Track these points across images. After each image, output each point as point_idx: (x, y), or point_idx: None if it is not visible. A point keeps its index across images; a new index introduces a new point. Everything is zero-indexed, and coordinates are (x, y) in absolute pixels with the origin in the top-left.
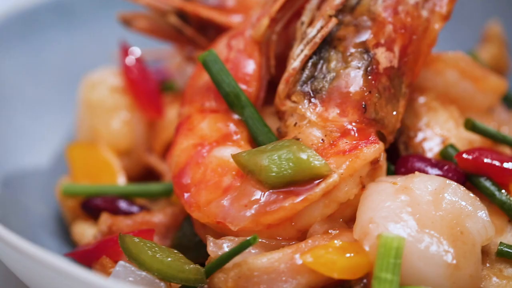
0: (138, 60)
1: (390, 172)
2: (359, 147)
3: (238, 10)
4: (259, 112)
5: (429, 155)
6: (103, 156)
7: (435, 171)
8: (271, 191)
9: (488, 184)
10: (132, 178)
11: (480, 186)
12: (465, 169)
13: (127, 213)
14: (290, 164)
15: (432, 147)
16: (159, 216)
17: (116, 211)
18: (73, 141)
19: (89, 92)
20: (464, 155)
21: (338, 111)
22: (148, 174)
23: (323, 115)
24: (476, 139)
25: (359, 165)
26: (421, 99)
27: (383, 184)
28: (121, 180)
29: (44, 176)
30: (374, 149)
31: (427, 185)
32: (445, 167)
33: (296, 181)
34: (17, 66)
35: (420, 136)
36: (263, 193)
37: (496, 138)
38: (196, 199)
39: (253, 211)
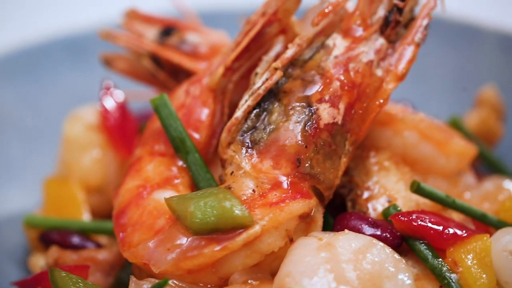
0: (119, 100)
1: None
2: (286, 201)
3: (210, 56)
4: (211, 159)
5: (373, 214)
6: (72, 192)
7: (370, 230)
8: (194, 237)
9: (422, 247)
10: (102, 215)
11: (414, 248)
12: (401, 231)
13: (79, 248)
14: (214, 211)
15: (377, 206)
16: (104, 254)
17: (68, 246)
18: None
19: (67, 128)
20: (400, 217)
21: (272, 163)
22: None
23: (257, 166)
24: (426, 203)
25: (283, 218)
26: (375, 158)
27: (309, 239)
28: (85, 216)
29: (27, 206)
30: (303, 204)
31: (351, 243)
32: (381, 227)
33: (220, 229)
34: (18, 97)
35: (367, 194)
36: (187, 238)
37: (444, 203)
38: (129, 239)
39: (174, 255)
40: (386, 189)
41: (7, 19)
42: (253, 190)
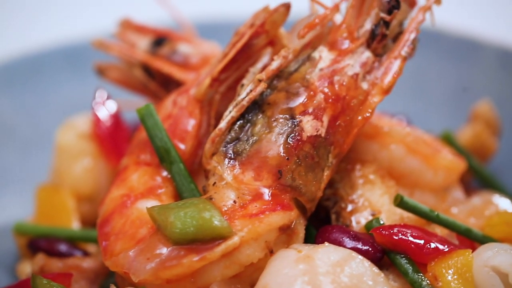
0: (112, 109)
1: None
2: (266, 212)
3: (201, 67)
4: (197, 169)
5: (356, 227)
6: (62, 200)
7: (351, 243)
8: (174, 246)
9: (403, 261)
10: (93, 223)
11: (395, 262)
12: (382, 244)
13: (66, 256)
14: (194, 222)
15: (360, 219)
16: (89, 262)
17: (56, 253)
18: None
19: (59, 136)
20: (381, 230)
21: (253, 175)
22: None
23: (239, 177)
24: (410, 217)
25: (263, 229)
26: (360, 171)
27: (288, 251)
28: (75, 224)
29: (22, 213)
30: (283, 216)
31: (330, 256)
32: (362, 241)
33: (199, 240)
34: (15, 106)
35: (351, 207)
36: (166, 248)
37: (427, 217)
38: (111, 248)
39: (153, 265)
40: (370, 203)
41: (5, 28)
42: (234, 201)
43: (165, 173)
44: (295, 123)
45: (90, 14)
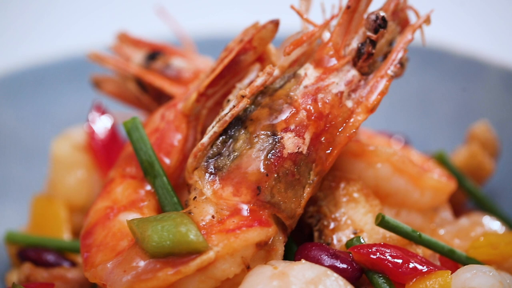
0: (108, 121)
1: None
2: (243, 228)
3: (193, 82)
4: (182, 183)
5: (337, 245)
6: (55, 210)
7: (329, 261)
8: (151, 259)
9: (380, 281)
10: None
11: (373, 281)
12: (361, 263)
13: (53, 266)
14: (170, 236)
15: (342, 238)
16: (74, 273)
17: (44, 263)
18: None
19: (55, 147)
20: (359, 249)
21: (232, 190)
22: None
23: (218, 192)
24: (392, 236)
25: (238, 245)
26: (345, 189)
27: (264, 267)
28: (66, 235)
29: (21, 223)
30: (259, 232)
31: (305, 273)
32: (340, 259)
33: (175, 253)
34: (18, 117)
35: (334, 225)
36: (143, 261)
37: (409, 237)
38: (92, 260)
39: (129, 277)
40: (353, 221)
41: (9, 40)
42: (213, 216)
43: (149, 187)
44: (276, 140)
45: (94, 28)
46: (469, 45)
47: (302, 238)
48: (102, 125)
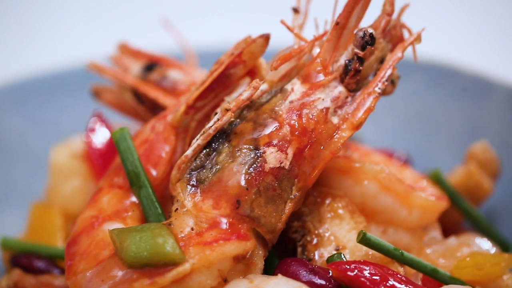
0: (107, 131)
1: None
2: (220, 241)
3: (185, 93)
4: (168, 195)
5: (319, 261)
6: (51, 218)
7: (307, 277)
8: (128, 269)
9: None
10: None
11: None
12: (339, 280)
13: (42, 273)
14: (148, 247)
15: (324, 254)
16: (61, 280)
17: (34, 270)
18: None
19: (53, 155)
20: (337, 265)
21: (212, 203)
22: None
23: (198, 205)
24: (375, 254)
25: (214, 258)
26: (330, 205)
27: (240, 281)
28: (60, 243)
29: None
30: (236, 245)
31: None
32: (319, 275)
33: (152, 264)
34: (28, 123)
35: (317, 241)
36: (121, 270)
37: (391, 255)
38: (74, 268)
39: (106, 287)
40: (336, 237)
41: (23, 46)
42: (192, 228)
43: (134, 197)
44: (258, 154)
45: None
46: (477, 64)
47: (286, 253)
48: (100, 134)
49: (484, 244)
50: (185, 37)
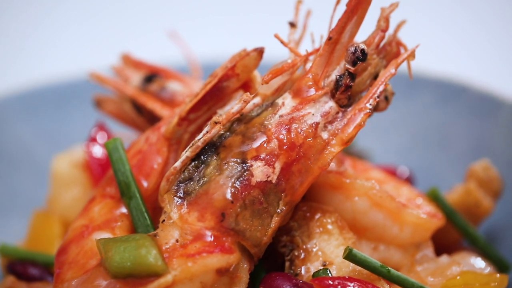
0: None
1: None
2: (203, 254)
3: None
4: (160, 206)
5: (305, 276)
6: (50, 226)
7: None
8: (112, 280)
9: None
10: None
11: None
12: None
13: (37, 280)
14: (131, 257)
15: (310, 269)
16: None
17: (29, 277)
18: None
19: (55, 163)
20: (320, 281)
21: (197, 215)
22: None
23: (184, 216)
24: (363, 271)
25: (196, 270)
26: (319, 221)
27: None
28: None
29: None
30: (219, 258)
31: None
32: None
33: (135, 275)
34: (37, 132)
35: (304, 256)
36: (105, 280)
37: (377, 272)
38: (62, 277)
39: None
40: (324, 253)
41: (28, 56)
42: (177, 240)
43: (124, 208)
44: (245, 168)
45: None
46: (487, 81)
47: (275, 267)
48: (100, 144)
49: (478, 263)
50: (191, 48)
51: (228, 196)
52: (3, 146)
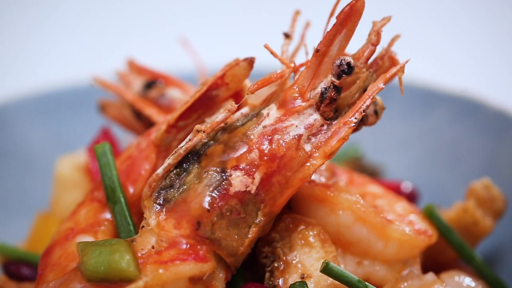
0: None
1: None
2: (176, 261)
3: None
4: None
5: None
6: (50, 228)
7: None
8: (87, 283)
9: None
10: None
11: None
12: None
13: (28, 280)
14: (105, 262)
15: (288, 280)
16: None
17: (20, 277)
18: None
19: (58, 166)
20: None
21: (174, 223)
22: None
23: (161, 223)
24: (341, 285)
25: (168, 277)
26: (302, 233)
27: None
28: None
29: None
30: (192, 267)
31: None
32: None
33: (109, 280)
34: (47, 135)
35: (284, 267)
36: (79, 284)
37: (354, 287)
38: (43, 278)
39: None
40: (304, 266)
41: (34, 60)
42: (153, 247)
43: (109, 212)
44: (224, 177)
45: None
46: (502, 99)
47: (257, 278)
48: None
49: (467, 283)
50: (199, 55)
51: (205, 204)
52: (11, 148)
